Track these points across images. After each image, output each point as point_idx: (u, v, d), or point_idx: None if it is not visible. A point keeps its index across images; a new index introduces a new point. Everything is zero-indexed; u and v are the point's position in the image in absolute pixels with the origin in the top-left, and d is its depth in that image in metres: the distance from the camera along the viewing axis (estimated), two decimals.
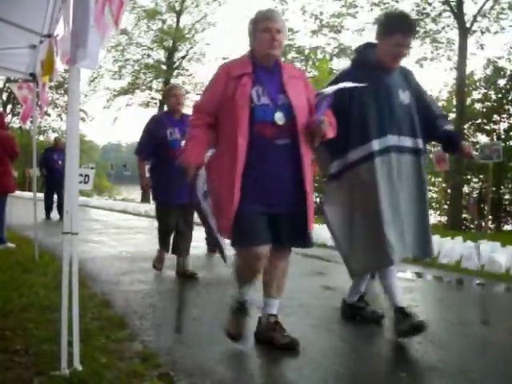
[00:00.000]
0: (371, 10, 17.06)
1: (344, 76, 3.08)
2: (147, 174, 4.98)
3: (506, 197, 15.73)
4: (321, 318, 3.47)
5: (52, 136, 30.18)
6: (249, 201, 2.58)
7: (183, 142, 4.23)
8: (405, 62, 3.33)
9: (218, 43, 59.98)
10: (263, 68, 2.74)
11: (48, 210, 10.99)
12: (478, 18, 14.37)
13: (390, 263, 2.95)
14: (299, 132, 2.64)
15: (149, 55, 25.20)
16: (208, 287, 4.35)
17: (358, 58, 3.24)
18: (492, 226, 14.41)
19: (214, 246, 5.80)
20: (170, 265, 5.40)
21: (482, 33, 14.99)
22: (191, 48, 25.45)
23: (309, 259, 5.82)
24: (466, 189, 15.00)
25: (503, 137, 15.33)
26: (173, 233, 4.87)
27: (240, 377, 2.45)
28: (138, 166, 4.89)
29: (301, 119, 2.65)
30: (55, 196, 10.79)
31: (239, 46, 62.67)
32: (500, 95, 15.33)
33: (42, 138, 29.63)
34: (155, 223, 5.15)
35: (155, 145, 4.62)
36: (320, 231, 7.31)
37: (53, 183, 10.54)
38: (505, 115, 15.85)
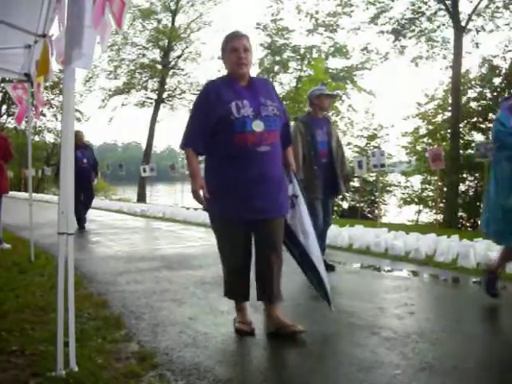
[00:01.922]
0: (367, 8, 17.16)
1: None
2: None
3: None
4: (318, 317, 3.48)
5: (47, 136, 30.13)
6: None
7: (257, 123, 2.90)
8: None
9: (214, 43, 59.75)
10: None
11: (79, 218, 8.50)
12: (473, 17, 14.46)
13: None
14: None
15: (144, 55, 25.27)
16: (204, 286, 4.34)
17: None
18: None
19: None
20: (168, 265, 5.40)
21: (477, 31, 15.07)
22: (187, 47, 25.57)
23: None
24: (461, 187, 15.03)
25: None
26: (248, 266, 3.10)
27: (237, 377, 2.45)
28: (189, 161, 3.04)
29: None
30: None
31: None
32: (495, 93, 15.34)
33: (37, 138, 29.56)
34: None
35: (214, 128, 2.95)
36: None
37: (80, 186, 7.28)
38: None
